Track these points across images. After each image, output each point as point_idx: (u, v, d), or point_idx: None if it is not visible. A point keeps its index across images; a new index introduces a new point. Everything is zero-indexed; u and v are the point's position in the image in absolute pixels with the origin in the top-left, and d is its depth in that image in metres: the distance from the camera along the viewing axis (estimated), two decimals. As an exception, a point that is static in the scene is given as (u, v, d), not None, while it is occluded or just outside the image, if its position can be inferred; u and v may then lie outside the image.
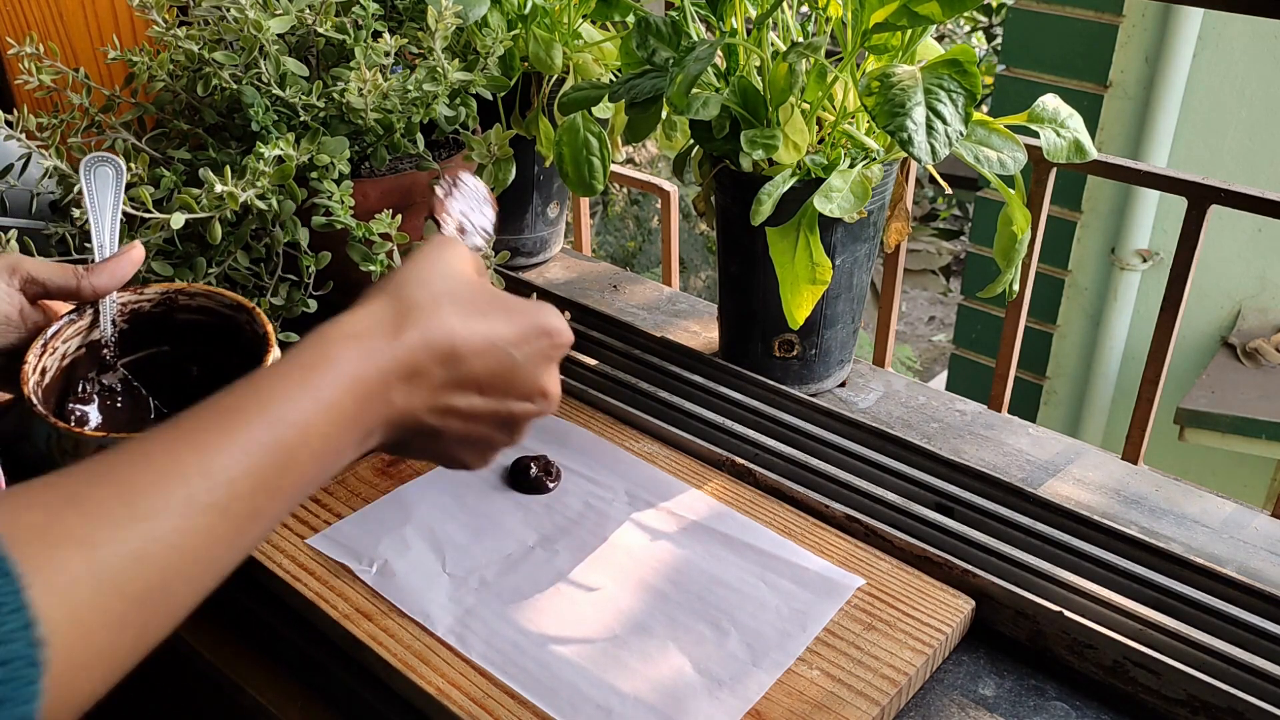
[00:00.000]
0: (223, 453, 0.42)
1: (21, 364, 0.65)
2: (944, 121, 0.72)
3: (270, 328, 0.69)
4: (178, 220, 0.79)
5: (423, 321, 0.49)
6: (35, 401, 0.64)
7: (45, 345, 0.67)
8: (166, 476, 0.40)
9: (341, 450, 0.47)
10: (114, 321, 0.70)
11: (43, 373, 0.67)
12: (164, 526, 0.39)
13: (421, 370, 0.49)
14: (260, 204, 0.82)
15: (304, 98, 0.87)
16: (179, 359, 0.74)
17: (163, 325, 0.73)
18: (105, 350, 0.70)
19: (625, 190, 3.81)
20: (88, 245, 0.83)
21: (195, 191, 0.81)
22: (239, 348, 0.71)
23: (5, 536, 0.36)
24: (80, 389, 0.70)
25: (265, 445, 0.43)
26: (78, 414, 0.70)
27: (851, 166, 0.83)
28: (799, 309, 0.83)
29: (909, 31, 0.81)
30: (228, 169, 0.80)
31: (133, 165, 0.83)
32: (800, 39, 0.89)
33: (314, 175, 0.85)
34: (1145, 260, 2.40)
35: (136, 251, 0.69)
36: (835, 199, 0.79)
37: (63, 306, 0.70)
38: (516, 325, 0.52)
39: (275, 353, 0.68)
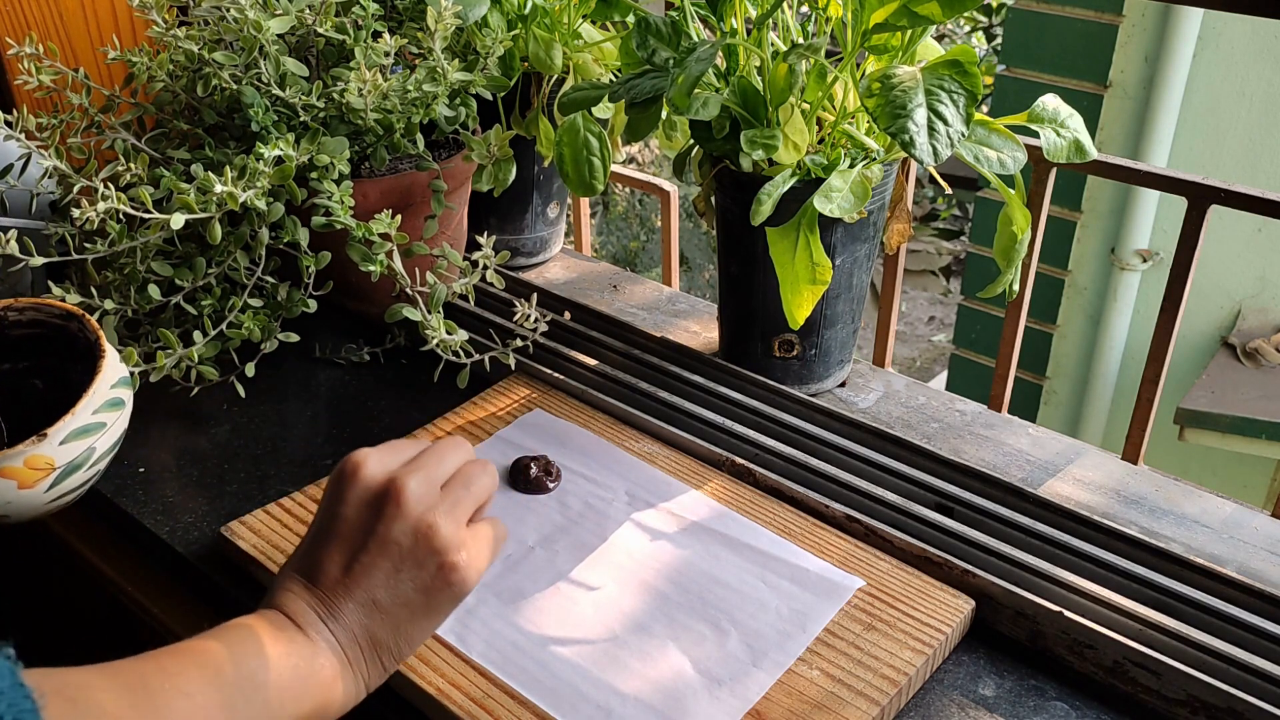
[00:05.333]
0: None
1: None
2: (945, 122, 0.72)
3: (101, 334, 0.68)
4: (177, 220, 0.79)
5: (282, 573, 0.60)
6: None
7: None
8: (170, 679, 0.50)
9: (301, 662, 0.55)
10: None
11: None
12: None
13: (295, 589, 0.58)
14: (260, 204, 0.82)
15: (304, 98, 0.87)
16: (21, 374, 0.73)
17: None
18: None
19: (628, 190, 3.80)
20: (88, 245, 0.83)
21: (188, 186, 0.81)
22: (76, 355, 0.69)
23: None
24: None
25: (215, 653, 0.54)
26: None
27: (851, 166, 0.83)
28: (799, 309, 0.83)
29: (909, 32, 0.81)
30: (228, 169, 0.80)
31: (133, 165, 0.83)
32: (800, 39, 0.89)
33: (314, 175, 0.85)
34: (1145, 260, 2.40)
35: None
36: (835, 199, 0.79)
37: None
38: (326, 493, 0.60)
39: (109, 355, 0.66)
